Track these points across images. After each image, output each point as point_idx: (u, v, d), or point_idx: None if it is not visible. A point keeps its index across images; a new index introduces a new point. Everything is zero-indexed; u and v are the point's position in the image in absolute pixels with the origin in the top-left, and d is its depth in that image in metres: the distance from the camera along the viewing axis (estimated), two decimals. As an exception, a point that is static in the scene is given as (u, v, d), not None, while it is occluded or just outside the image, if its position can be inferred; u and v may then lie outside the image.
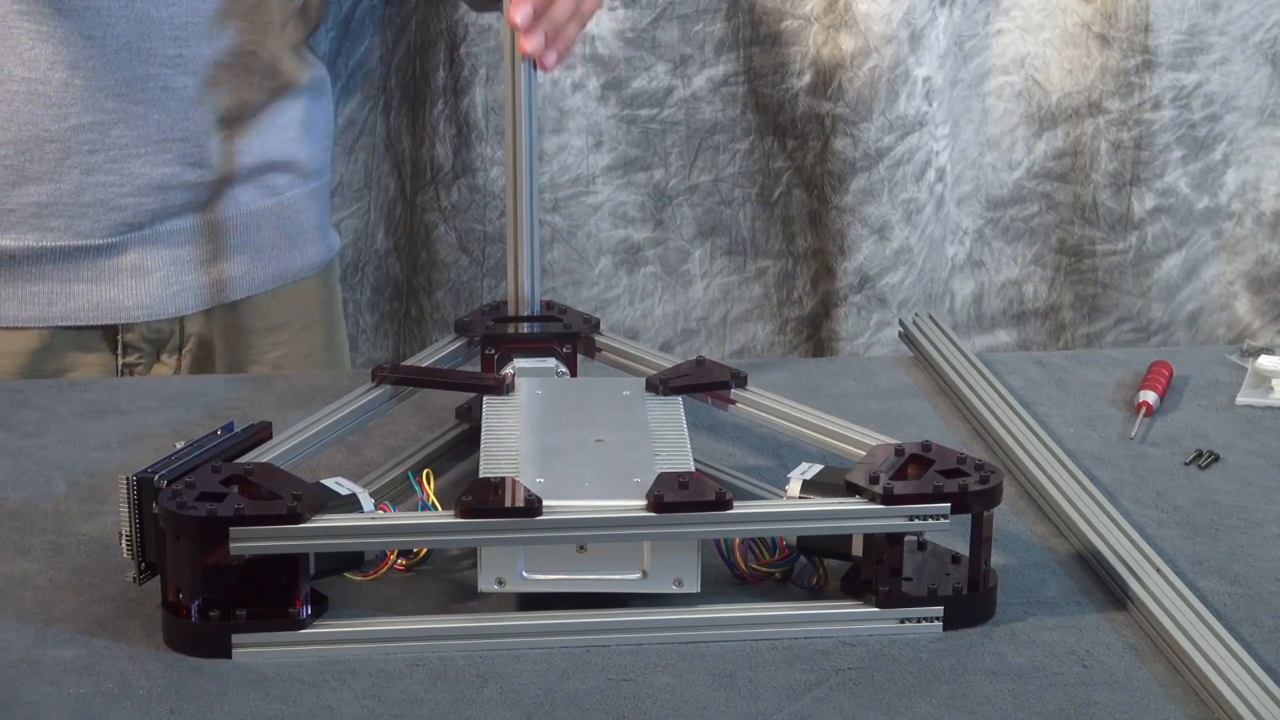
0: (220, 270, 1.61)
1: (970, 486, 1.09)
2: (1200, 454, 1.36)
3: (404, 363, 1.31)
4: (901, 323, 1.60)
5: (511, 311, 1.38)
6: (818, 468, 1.13)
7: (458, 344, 1.36)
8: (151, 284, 1.58)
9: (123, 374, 1.60)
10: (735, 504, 1.08)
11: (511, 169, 1.36)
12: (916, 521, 1.09)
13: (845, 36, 1.88)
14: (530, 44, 1.35)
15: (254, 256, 1.63)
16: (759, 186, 1.96)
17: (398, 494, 1.21)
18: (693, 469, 1.12)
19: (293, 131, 1.63)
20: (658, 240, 1.97)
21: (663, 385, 1.26)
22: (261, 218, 1.63)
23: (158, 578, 1.09)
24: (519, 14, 1.35)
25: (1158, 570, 1.15)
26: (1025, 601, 1.14)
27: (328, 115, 1.70)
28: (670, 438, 1.18)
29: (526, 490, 1.08)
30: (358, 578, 1.14)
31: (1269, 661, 1.06)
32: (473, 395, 1.31)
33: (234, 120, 1.58)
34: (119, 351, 1.60)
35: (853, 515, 1.09)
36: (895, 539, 1.09)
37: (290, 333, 1.68)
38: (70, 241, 1.54)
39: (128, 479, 1.08)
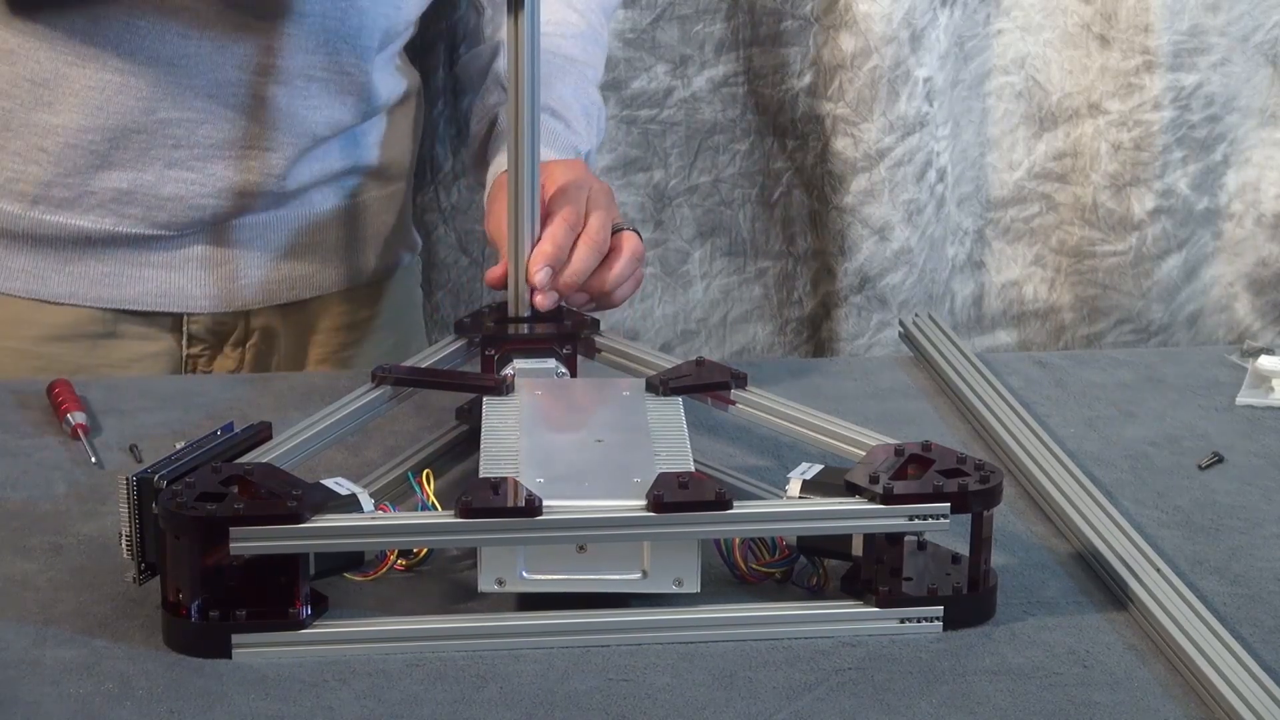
0: (290, 268, 1.61)
1: (970, 486, 1.09)
2: (1200, 454, 1.36)
3: (404, 363, 1.31)
4: (902, 323, 1.60)
5: (511, 312, 1.38)
6: (818, 468, 1.13)
7: (458, 344, 1.36)
8: (220, 276, 1.58)
9: (187, 365, 1.61)
10: (735, 504, 1.08)
11: (512, 169, 1.35)
12: (916, 521, 1.08)
13: (845, 37, 1.88)
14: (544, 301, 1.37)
15: (325, 256, 1.63)
16: (759, 187, 1.96)
17: (398, 494, 1.21)
18: (693, 469, 1.12)
19: (375, 138, 1.63)
20: (658, 241, 1.96)
21: (663, 386, 1.26)
22: (334, 219, 1.63)
23: (158, 578, 1.09)
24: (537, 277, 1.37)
25: (1158, 570, 1.15)
26: (1025, 601, 1.14)
27: (414, 120, 1.69)
28: (670, 438, 1.18)
29: (526, 490, 1.08)
30: (358, 578, 1.14)
31: (1269, 661, 1.06)
32: (473, 396, 1.31)
33: (321, 136, 1.57)
34: (184, 342, 1.60)
35: (853, 515, 1.09)
36: (895, 539, 1.09)
37: (360, 334, 1.68)
38: (146, 231, 1.54)
39: (128, 479, 1.08)
